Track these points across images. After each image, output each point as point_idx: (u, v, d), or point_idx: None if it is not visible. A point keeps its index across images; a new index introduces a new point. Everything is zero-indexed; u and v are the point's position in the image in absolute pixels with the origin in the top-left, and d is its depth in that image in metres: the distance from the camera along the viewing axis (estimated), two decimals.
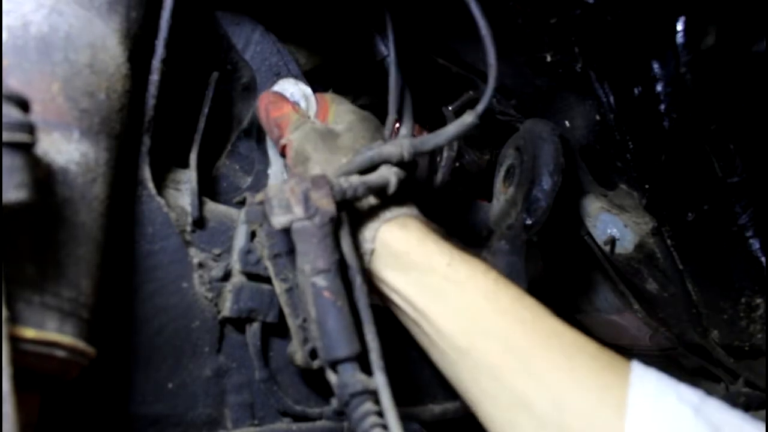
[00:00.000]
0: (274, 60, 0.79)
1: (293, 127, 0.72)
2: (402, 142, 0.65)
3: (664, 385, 0.53)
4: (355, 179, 0.62)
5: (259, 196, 0.63)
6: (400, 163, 0.65)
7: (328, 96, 0.80)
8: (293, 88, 0.78)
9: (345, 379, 0.55)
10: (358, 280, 0.59)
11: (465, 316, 0.62)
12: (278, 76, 0.79)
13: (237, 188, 0.80)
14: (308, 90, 0.79)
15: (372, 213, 0.67)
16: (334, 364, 0.56)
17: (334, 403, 0.56)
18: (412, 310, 0.65)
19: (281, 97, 0.76)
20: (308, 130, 0.71)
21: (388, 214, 0.67)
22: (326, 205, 0.58)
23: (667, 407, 0.51)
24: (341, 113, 0.75)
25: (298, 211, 0.57)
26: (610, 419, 0.52)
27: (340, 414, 0.57)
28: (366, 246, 0.66)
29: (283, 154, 0.74)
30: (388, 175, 0.64)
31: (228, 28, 0.77)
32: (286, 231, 0.59)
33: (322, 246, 0.57)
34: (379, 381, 0.54)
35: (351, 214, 0.66)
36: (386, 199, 0.67)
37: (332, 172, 0.66)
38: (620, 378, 0.54)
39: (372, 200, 0.67)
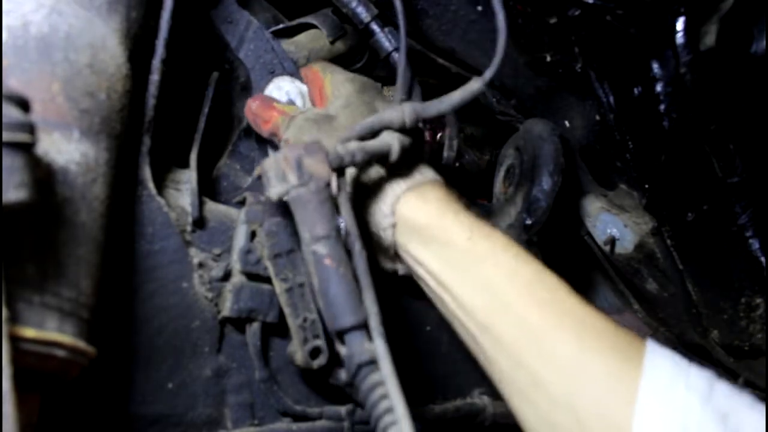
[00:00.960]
0: (268, 58, 0.78)
1: (284, 128, 0.72)
2: (403, 107, 0.63)
3: (675, 370, 0.53)
4: (353, 145, 0.60)
5: (257, 171, 0.61)
6: (402, 130, 0.63)
7: (318, 66, 0.78)
8: (289, 86, 0.78)
9: (352, 348, 0.53)
10: (357, 247, 0.57)
11: (485, 293, 0.62)
12: (273, 74, 0.79)
13: (238, 187, 0.80)
14: (304, 87, 0.79)
15: (387, 184, 0.65)
16: (340, 334, 0.54)
17: (343, 375, 0.54)
18: (436, 284, 0.65)
19: (265, 105, 0.75)
20: (301, 123, 0.71)
21: (403, 184, 0.65)
22: (321, 170, 0.56)
23: (676, 396, 0.51)
24: (338, 83, 0.74)
25: (292, 178, 0.56)
26: (619, 407, 0.52)
27: (350, 385, 0.55)
28: (386, 221, 0.65)
29: None
30: (390, 140, 0.62)
31: (221, 26, 0.77)
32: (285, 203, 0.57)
33: (319, 212, 0.55)
34: (379, 347, 0.52)
35: (365, 187, 0.64)
36: (398, 168, 0.65)
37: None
38: (633, 362, 0.54)
39: (381, 170, 0.65)
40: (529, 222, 0.80)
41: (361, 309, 0.54)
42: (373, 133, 0.63)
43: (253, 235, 0.69)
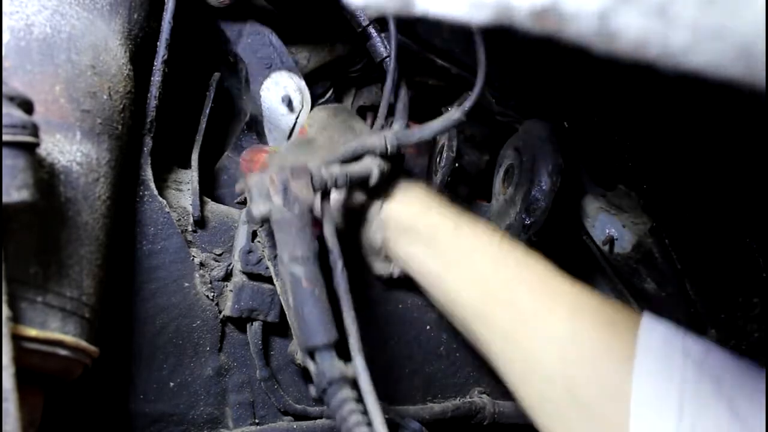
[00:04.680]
0: (265, 52, 0.78)
1: (271, 163, 0.74)
2: (386, 133, 0.66)
3: (671, 338, 0.54)
4: (336, 169, 0.63)
5: (239, 186, 0.63)
6: (384, 156, 0.66)
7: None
8: (287, 81, 0.78)
9: (322, 366, 0.54)
10: (338, 266, 0.58)
11: (475, 281, 0.64)
12: (270, 68, 0.79)
13: (238, 180, 0.80)
14: (302, 83, 0.79)
15: (371, 199, 0.69)
16: (311, 352, 0.55)
17: (312, 390, 0.55)
18: (427, 278, 0.68)
19: (255, 149, 0.78)
20: (282, 150, 0.74)
21: (385, 195, 0.69)
22: (305, 194, 0.58)
23: (673, 361, 0.52)
24: (312, 114, 0.77)
25: (277, 200, 0.58)
26: (616, 371, 0.53)
27: (319, 401, 0.56)
28: (374, 226, 0.68)
29: None
30: (371, 165, 0.65)
31: (220, 20, 0.77)
32: (266, 220, 0.59)
33: (300, 235, 0.57)
34: (359, 365, 0.54)
35: (353, 204, 0.67)
36: (377, 192, 0.68)
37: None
38: (628, 332, 0.55)
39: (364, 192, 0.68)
40: (528, 222, 0.80)
41: (333, 330, 0.55)
42: (356, 157, 0.65)
43: (254, 235, 0.70)
